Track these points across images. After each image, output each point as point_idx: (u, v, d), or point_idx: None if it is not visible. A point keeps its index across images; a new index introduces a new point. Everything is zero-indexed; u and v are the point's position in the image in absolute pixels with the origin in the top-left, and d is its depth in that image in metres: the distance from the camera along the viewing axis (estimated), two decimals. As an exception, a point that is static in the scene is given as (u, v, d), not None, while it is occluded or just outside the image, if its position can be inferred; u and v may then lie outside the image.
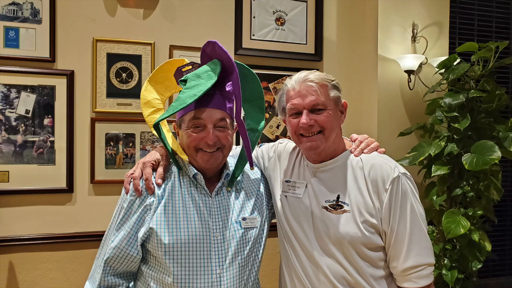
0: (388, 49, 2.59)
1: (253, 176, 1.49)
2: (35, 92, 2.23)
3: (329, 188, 1.35)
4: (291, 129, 1.37)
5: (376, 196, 1.28)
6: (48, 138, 2.25)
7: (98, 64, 2.31)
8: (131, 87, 2.37)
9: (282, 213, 1.42)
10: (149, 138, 2.39)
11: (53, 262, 2.26)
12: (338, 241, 1.29)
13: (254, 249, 1.36)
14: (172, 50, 2.43)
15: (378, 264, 1.30)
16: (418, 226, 1.27)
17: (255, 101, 1.45)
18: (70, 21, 2.28)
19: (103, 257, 1.28)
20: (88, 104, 2.31)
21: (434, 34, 2.65)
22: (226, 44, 2.49)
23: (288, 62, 2.64)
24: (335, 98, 1.35)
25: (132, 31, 2.37)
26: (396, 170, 1.29)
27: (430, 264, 1.27)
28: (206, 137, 1.28)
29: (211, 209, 1.32)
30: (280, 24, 2.63)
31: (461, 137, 2.29)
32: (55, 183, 2.26)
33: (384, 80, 2.59)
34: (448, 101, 2.27)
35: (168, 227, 1.25)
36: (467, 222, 2.12)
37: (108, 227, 1.33)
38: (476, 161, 2.11)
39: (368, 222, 1.27)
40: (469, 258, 2.23)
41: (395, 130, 2.55)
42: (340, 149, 1.40)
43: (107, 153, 2.33)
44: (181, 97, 1.23)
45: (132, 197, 1.28)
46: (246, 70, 1.42)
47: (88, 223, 2.30)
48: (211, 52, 1.33)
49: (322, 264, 1.30)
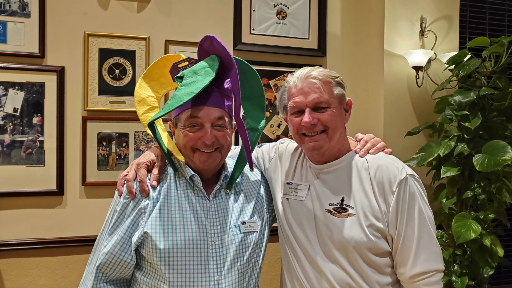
0: (395, 44, 2.59)
1: (253, 177, 1.50)
2: (24, 90, 2.23)
3: (333, 191, 1.35)
4: (293, 128, 1.38)
5: (383, 198, 1.28)
6: (37, 137, 2.25)
7: (90, 60, 2.31)
8: (124, 84, 2.37)
9: (283, 216, 1.43)
10: (144, 138, 2.39)
11: (42, 268, 2.26)
12: (343, 246, 1.29)
13: (254, 255, 1.37)
14: (168, 45, 2.43)
15: (384, 270, 1.31)
16: (427, 230, 1.27)
17: (255, 99, 1.45)
18: (60, 14, 2.28)
19: (95, 263, 1.29)
20: (79, 102, 2.31)
21: (443, 29, 2.66)
22: (225, 39, 2.49)
23: (289, 58, 2.65)
24: (339, 96, 1.35)
25: (125, 25, 2.38)
26: (403, 172, 1.29)
27: (439, 271, 1.28)
28: (203, 136, 1.28)
29: (209, 212, 1.32)
30: (282, 17, 2.63)
31: (471, 137, 2.29)
32: (45, 185, 2.26)
33: (391, 77, 2.59)
34: (458, 99, 2.28)
35: (163, 232, 1.25)
36: (478, 226, 2.12)
37: (100, 231, 1.33)
38: (487, 162, 2.11)
39: (374, 226, 1.27)
40: (480, 264, 2.23)
41: (402, 130, 2.55)
42: (345, 149, 1.40)
43: (99, 153, 2.33)
44: (177, 95, 1.24)
45: (126, 200, 1.29)
46: (245, 66, 1.42)
47: (79, 227, 2.30)
48: (208, 47, 1.34)
49: (326, 270, 1.31)
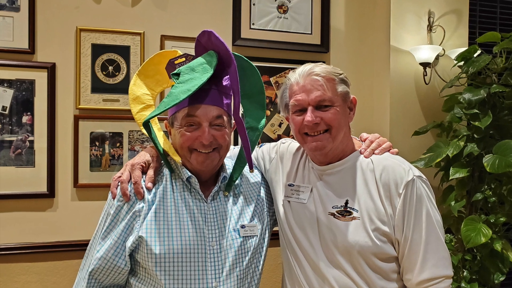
0: (402, 40, 2.59)
1: (252, 179, 1.50)
2: (13, 87, 2.23)
3: (336, 193, 1.35)
4: (294, 127, 1.37)
5: (389, 201, 1.28)
6: (27, 137, 2.25)
7: (82, 56, 2.31)
8: (118, 81, 2.37)
9: (284, 220, 1.43)
10: (138, 137, 2.39)
11: (32, 274, 2.26)
12: (347, 251, 1.29)
13: (254, 260, 1.37)
14: (164, 41, 2.43)
15: (390, 276, 1.31)
16: (435, 234, 1.27)
17: (255, 96, 1.45)
18: (51, 8, 2.28)
19: (88, 268, 1.29)
20: (71, 100, 2.31)
21: (452, 23, 2.65)
22: (223, 34, 2.49)
23: (291, 54, 2.64)
24: (343, 94, 1.35)
25: (119, 20, 2.37)
26: (410, 173, 1.29)
27: (447, 277, 1.28)
28: (201, 136, 1.28)
29: (207, 215, 1.32)
30: (283, 11, 2.63)
31: (482, 137, 2.29)
32: (35, 187, 2.26)
33: (397, 74, 2.59)
34: (467, 97, 2.27)
35: (159, 236, 1.25)
36: (488, 230, 2.12)
37: (93, 235, 1.33)
38: (498, 162, 2.11)
39: (380, 230, 1.27)
40: (491, 269, 2.23)
41: (409, 129, 2.55)
42: (349, 149, 1.40)
43: (92, 154, 2.33)
44: (174, 93, 1.24)
45: (120, 203, 1.29)
46: (245, 62, 1.42)
47: (71, 231, 2.30)
48: (206, 42, 1.34)
49: (329, 276, 1.31)
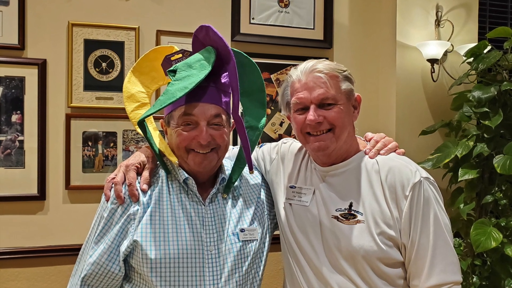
0: (408, 35, 2.59)
1: (252, 181, 1.50)
2: (2, 85, 2.23)
3: (340, 195, 1.35)
4: (296, 127, 1.37)
5: (395, 204, 1.28)
6: (17, 137, 2.25)
7: (74, 52, 2.31)
8: (112, 78, 2.37)
9: (286, 223, 1.43)
10: (133, 137, 2.39)
11: (22, 280, 2.26)
12: (351, 256, 1.29)
13: (254, 265, 1.37)
14: (160, 36, 2.43)
15: (396, 282, 1.30)
16: (443, 238, 1.27)
17: (255, 94, 1.45)
18: (42, 2, 2.28)
19: (80, 274, 1.28)
20: (62, 98, 2.31)
21: (461, 18, 2.65)
22: (222, 29, 2.48)
23: (293, 50, 2.64)
24: (347, 91, 1.35)
25: (113, 14, 2.37)
26: (417, 174, 1.29)
27: (456, 283, 1.27)
28: (198, 136, 1.28)
29: (205, 219, 1.32)
30: (284, 6, 2.63)
31: (492, 136, 2.29)
32: (25, 189, 2.26)
33: (404, 71, 2.59)
34: (477, 95, 2.27)
35: (154, 240, 1.25)
36: (499, 234, 2.12)
37: (86, 240, 1.33)
38: (509, 163, 2.11)
39: (385, 234, 1.27)
40: (502, 275, 2.23)
41: (416, 128, 2.55)
42: (353, 150, 1.40)
43: (84, 154, 2.33)
44: (170, 90, 1.24)
45: (114, 205, 1.28)
46: (244, 59, 1.42)
47: (62, 235, 2.30)
48: (204, 38, 1.34)
49: (332, 282, 1.30)
